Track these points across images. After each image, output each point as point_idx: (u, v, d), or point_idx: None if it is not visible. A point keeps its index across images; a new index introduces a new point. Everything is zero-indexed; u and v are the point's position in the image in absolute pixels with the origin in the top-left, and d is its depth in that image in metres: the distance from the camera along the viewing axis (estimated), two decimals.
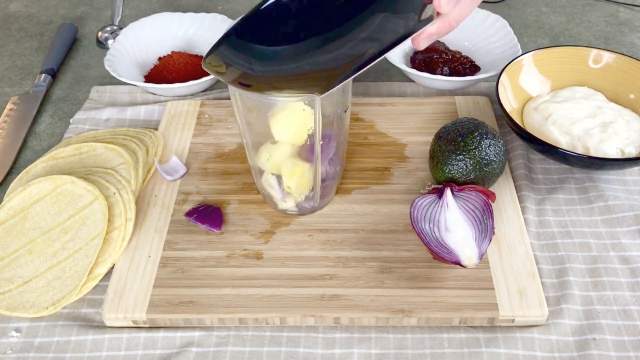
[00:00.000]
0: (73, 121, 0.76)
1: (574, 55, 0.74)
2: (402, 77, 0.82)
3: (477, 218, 0.56)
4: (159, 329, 0.55)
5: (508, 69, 0.71)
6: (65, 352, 0.53)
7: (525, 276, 0.56)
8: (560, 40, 0.91)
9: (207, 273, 0.57)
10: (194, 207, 0.62)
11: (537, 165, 0.69)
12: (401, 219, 0.61)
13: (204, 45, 0.87)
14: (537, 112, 0.69)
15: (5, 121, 0.77)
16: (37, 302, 0.55)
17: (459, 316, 0.53)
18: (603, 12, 0.97)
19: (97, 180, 0.62)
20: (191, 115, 0.74)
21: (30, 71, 0.87)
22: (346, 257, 0.58)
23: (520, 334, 0.53)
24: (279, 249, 0.59)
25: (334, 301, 0.54)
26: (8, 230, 0.60)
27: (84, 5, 1.02)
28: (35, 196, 0.61)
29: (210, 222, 0.60)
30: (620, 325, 0.54)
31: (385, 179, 0.66)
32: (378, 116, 0.73)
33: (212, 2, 1.02)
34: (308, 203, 0.61)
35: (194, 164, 0.68)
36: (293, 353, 0.53)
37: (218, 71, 0.46)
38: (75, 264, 0.57)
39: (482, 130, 0.60)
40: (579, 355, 0.52)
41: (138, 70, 0.82)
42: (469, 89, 0.80)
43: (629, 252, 0.60)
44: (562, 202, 0.65)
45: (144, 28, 0.86)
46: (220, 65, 0.45)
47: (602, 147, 0.64)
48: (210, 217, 0.61)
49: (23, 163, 0.72)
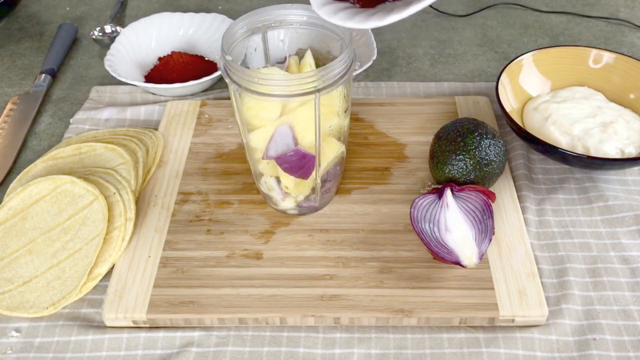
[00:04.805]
0: (73, 121, 0.76)
1: (574, 55, 0.74)
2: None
3: (477, 218, 0.56)
4: (159, 329, 0.55)
5: (508, 69, 0.71)
6: (65, 352, 0.53)
7: (525, 276, 0.56)
8: (560, 40, 0.91)
9: (207, 273, 0.57)
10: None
11: (537, 165, 0.69)
12: (401, 219, 0.61)
13: (204, 45, 0.87)
14: (537, 112, 0.69)
15: (5, 121, 0.77)
16: (37, 302, 0.55)
17: (459, 316, 0.53)
18: (603, 12, 0.97)
19: (97, 180, 0.62)
20: (191, 115, 0.74)
21: (30, 71, 0.87)
22: (346, 257, 0.58)
23: (520, 334, 0.53)
24: (279, 249, 0.59)
25: (334, 301, 0.54)
26: (8, 230, 0.60)
27: (84, 5, 1.02)
28: (35, 196, 0.61)
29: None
30: (620, 325, 0.54)
31: (385, 179, 0.66)
32: (378, 116, 0.73)
33: (212, 2, 1.02)
34: (308, 203, 0.61)
35: (194, 164, 0.68)
36: (293, 353, 0.53)
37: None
38: (75, 264, 0.57)
39: (482, 130, 0.60)
40: (579, 355, 0.52)
41: (138, 70, 0.82)
42: (469, 89, 0.80)
43: (629, 252, 0.60)
44: (562, 202, 0.65)
45: (144, 28, 0.86)
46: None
47: (602, 147, 0.64)
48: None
49: (23, 163, 0.72)
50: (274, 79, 0.51)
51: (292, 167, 0.56)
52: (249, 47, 0.58)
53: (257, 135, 0.56)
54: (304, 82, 0.50)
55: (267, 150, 0.55)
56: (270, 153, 0.55)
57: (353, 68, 0.53)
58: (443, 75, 0.84)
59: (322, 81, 0.51)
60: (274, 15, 0.57)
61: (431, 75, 0.84)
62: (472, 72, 0.85)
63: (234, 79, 0.52)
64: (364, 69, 0.77)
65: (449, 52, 0.89)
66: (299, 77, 0.51)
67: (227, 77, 0.53)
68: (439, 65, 0.86)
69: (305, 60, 0.57)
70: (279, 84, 0.51)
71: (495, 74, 0.84)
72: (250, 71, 0.51)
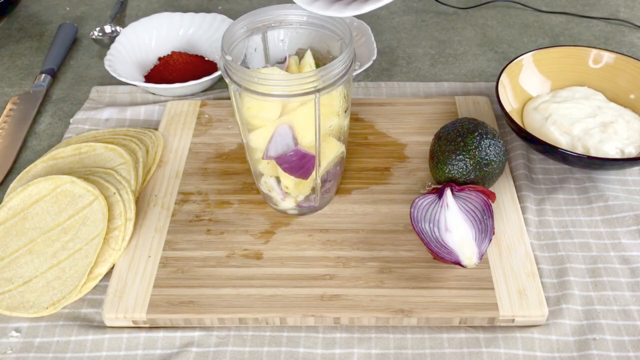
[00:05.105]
0: (73, 121, 0.76)
1: (574, 55, 0.74)
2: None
3: (477, 218, 0.56)
4: (159, 329, 0.55)
5: (508, 69, 0.71)
6: (65, 352, 0.53)
7: (525, 276, 0.56)
8: (560, 40, 0.91)
9: (207, 273, 0.57)
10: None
11: (537, 165, 0.69)
12: (401, 219, 0.61)
13: (204, 45, 0.87)
14: (537, 112, 0.69)
15: (5, 121, 0.77)
16: (37, 302, 0.55)
17: (459, 316, 0.53)
18: (603, 12, 0.97)
19: (97, 180, 0.62)
20: (191, 115, 0.74)
21: (30, 71, 0.87)
22: (346, 257, 0.58)
23: (520, 334, 0.53)
24: (279, 249, 0.59)
25: (334, 301, 0.54)
26: (8, 230, 0.60)
27: (84, 5, 1.02)
28: (35, 196, 0.61)
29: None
30: (620, 325, 0.54)
31: (385, 179, 0.66)
32: (378, 116, 0.73)
33: (212, 2, 1.02)
34: (308, 203, 0.61)
35: (194, 164, 0.68)
36: (293, 353, 0.53)
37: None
38: (75, 264, 0.57)
39: (482, 130, 0.60)
40: (579, 355, 0.52)
41: (138, 70, 0.82)
42: (469, 89, 0.80)
43: (629, 252, 0.60)
44: (562, 202, 0.65)
45: (144, 28, 0.86)
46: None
47: (602, 147, 0.64)
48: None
49: (23, 163, 0.72)
50: (274, 79, 0.51)
51: (292, 167, 0.56)
52: (249, 47, 0.58)
53: (257, 135, 0.56)
54: (304, 82, 0.50)
55: (267, 150, 0.55)
56: (270, 153, 0.55)
57: (353, 68, 0.54)
58: (443, 75, 0.84)
59: (322, 81, 0.51)
60: (274, 15, 0.57)
61: (431, 75, 0.84)
62: (472, 72, 0.85)
63: (234, 79, 0.52)
64: (364, 69, 0.77)
65: (449, 52, 0.89)
66: (299, 77, 0.51)
67: (227, 77, 0.53)
68: (439, 65, 0.86)
69: (305, 60, 0.57)
70: (279, 84, 0.51)
71: (495, 74, 0.84)
72: (250, 71, 0.51)
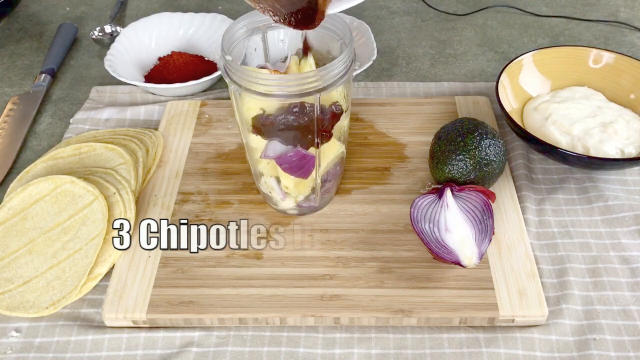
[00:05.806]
0: (73, 121, 0.76)
1: (574, 55, 0.74)
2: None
3: (477, 218, 0.56)
4: (159, 329, 0.55)
5: (508, 69, 0.71)
6: (65, 352, 0.53)
7: (525, 276, 0.56)
8: (560, 40, 0.91)
9: (207, 273, 0.57)
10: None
11: (537, 165, 0.69)
12: (401, 219, 0.61)
13: (204, 45, 0.87)
14: (537, 112, 0.69)
15: (5, 121, 0.77)
16: (37, 302, 0.55)
17: (459, 316, 0.53)
18: (603, 12, 0.97)
19: (97, 180, 0.62)
20: (191, 115, 0.74)
21: (30, 71, 0.87)
22: (346, 257, 0.58)
23: (520, 334, 0.53)
24: (279, 249, 0.59)
25: (334, 301, 0.54)
26: (8, 230, 0.60)
27: (84, 5, 1.02)
28: (35, 196, 0.61)
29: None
30: (620, 325, 0.54)
31: (385, 179, 0.66)
32: (378, 116, 0.73)
33: (212, 2, 1.02)
34: (308, 203, 0.61)
35: (194, 164, 0.68)
36: (293, 353, 0.53)
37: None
38: (75, 264, 0.57)
39: (482, 130, 0.60)
40: (579, 355, 0.52)
41: (138, 70, 0.82)
42: (469, 89, 0.80)
43: (629, 252, 0.60)
44: (562, 202, 0.65)
45: (144, 28, 0.86)
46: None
47: (602, 147, 0.64)
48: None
49: (23, 163, 0.72)
50: (274, 79, 0.51)
51: (292, 167, 0.56)
52: (249, 47, 0.58)
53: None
54: (304, 82, 0.50)
55: (266, 150, 0.55)
56: (269, 153, 0.55)
57: (353, 68, 0.53)
58: (443, 75, 0.84)
59: (322, 81, 0.51)
60: None
61: (431, 75, 0.84)
62: (472, 72, 0.85)
63: (234, 79, 0.52)
64: (364, 69, 0.77)
65: (449, 52, 0.89)
66: (299, 77, 0.51)
67: (227, 77, 0.53)
68: (439, 65, 0.86)
69: (306, 60, 0.57)
70: (279, 84, 0.51)
71: (495, 74, 0.84)
72: (250, 71, 0.51)
